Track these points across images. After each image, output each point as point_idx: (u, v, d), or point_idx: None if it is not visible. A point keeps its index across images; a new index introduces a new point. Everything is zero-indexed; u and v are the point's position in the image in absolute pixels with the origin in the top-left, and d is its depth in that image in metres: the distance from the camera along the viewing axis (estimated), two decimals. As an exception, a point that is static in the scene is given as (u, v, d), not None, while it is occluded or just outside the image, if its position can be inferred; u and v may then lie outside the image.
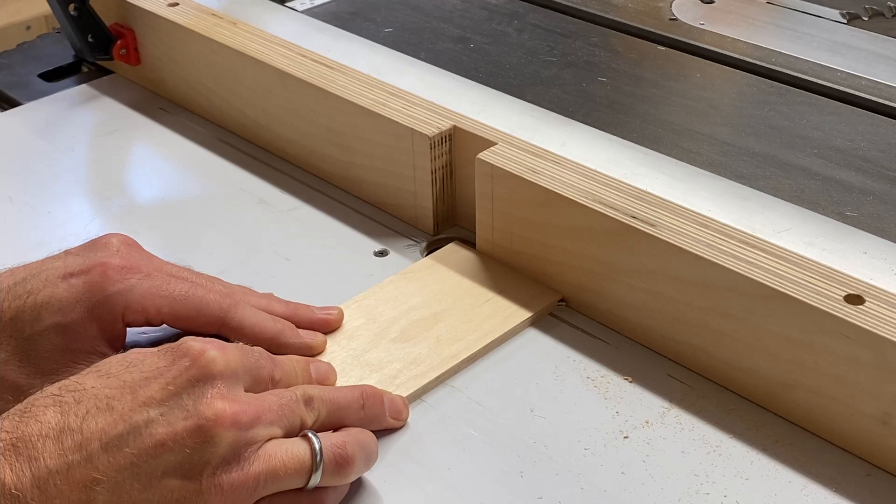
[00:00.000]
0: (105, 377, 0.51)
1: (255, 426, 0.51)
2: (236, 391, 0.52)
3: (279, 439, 0.52)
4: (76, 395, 0.50)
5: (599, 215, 0.64)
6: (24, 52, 1.05)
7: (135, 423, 0.49)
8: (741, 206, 0.67)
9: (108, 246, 0.62)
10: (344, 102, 0.78)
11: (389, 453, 0.58)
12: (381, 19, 1.03)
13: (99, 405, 0.49)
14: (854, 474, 0.57)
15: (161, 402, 0.50)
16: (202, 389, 0.50)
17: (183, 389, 0.50)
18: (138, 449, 0.48)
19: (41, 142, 0.90)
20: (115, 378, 0.51)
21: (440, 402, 0.62)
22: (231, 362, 0.52)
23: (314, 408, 0.54)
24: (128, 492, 0.48)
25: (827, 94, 0.89)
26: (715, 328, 0.61)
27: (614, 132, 0.77)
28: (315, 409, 0.54)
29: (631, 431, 0.59)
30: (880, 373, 0.55)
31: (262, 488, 0.50)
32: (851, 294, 0.56)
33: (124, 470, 0.48)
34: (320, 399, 0.55)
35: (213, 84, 0.89)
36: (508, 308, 0.68)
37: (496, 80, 0.90)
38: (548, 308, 0.68)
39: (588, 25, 1.03)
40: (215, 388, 0.51)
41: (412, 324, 0.66)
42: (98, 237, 0.63)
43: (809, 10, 1.04)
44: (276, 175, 0.84)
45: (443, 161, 0.74)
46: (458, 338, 0.65)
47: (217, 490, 0.49)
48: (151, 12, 0.92)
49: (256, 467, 0.50)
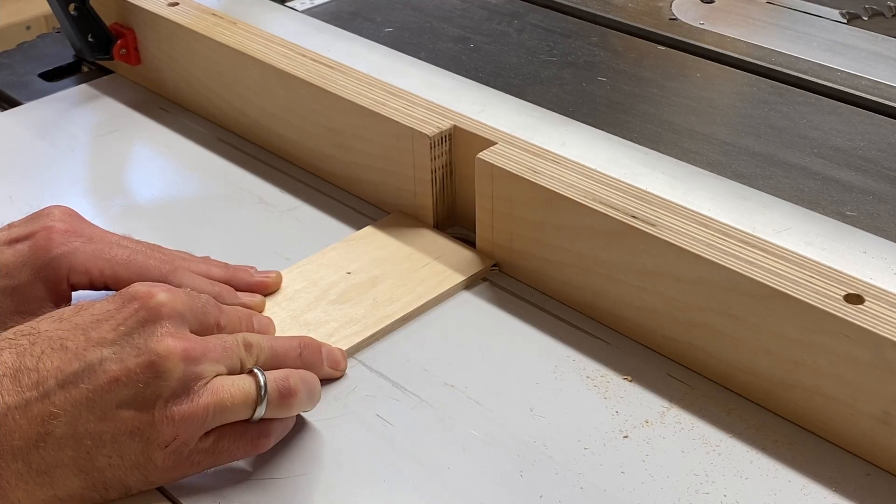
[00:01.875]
0: (58, 321, 0.54)
1: (203, 362, 0.54)
2: (183, 331, 0.55)
3: (226, 375, 0.55)
4: (31, 339, 0.53)
5: (599, 215, 0.64)
6: (24, 52, 1.05)
7: (89, 361, 0.52)
8: (741, 206, 0.67)
9: (51, 215, 0.65)
10: (344, 102, 0.78)
11: (389, 452, 0.58)
12: (381, 19, 1.03)
13: (53, 346, 0.53)
14: (853, 474, 0.57)
15: (113, 342, 0.53)
16: (152, 329, 0.53)
17: (133, 329, 0.53)
18: (93, 385, 0.52)
19: (41, 142, 0.90)
20: (67, 321, 0.54)
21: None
22: (178, 304, 0.55)
23: (253, 353, 0.57)
24: (84, 424, 0.51)
25: (827, 94, 0.89)
26: (715, 328, 0.61)
27: (614, 132, 0.77)
28: (254, 354, 0.57)
29: (631, 431, 0.59)
30: (880, 372, 0.55)
31: (211, 419, 0.53)
32: (851, 293, 0.56)
33: (80, 405, 0.51)
34: (258, 345, 0.58)
35: (213, 84, 0.89)
36: (444, 272, 0.71)
37: (496, 80, 0.90)
38: (481, 273, 0.71)
39: (588, 25, 1.03)
40: (164, 327, 0.54)
41: (351, 287, 0.69)
42: (41, 209, 0.66)
43: (809, 10, 1.04)
44: (276, 175, 0.84)
45: (443, 161, 0.74)
46: (394, 299, 0.68)
47: (168, 421, 0.52)
48: (151, 12, 0.92)
49: (205, 399, 0.53)
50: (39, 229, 0.64)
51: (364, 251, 0.73)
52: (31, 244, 0.63)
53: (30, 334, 0.53)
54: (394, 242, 0.74)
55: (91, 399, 0.51)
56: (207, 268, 0.68)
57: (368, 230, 0.75)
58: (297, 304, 0.68)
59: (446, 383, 0.63)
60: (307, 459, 0.58)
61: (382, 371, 0.64)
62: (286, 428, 0.58)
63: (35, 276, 0.62)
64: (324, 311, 0.67)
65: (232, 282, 0.68)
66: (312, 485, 0.56)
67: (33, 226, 0.64)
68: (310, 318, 0.67)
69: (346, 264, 0.71)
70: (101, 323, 0.54)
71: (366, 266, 0.71)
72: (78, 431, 0.51)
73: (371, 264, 0.71)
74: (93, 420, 0.51)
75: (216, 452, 0.54)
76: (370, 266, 0.71)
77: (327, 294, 0.69)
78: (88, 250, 0.63)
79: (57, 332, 0.53)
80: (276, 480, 0.56)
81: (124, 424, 0.52)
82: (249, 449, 0.56)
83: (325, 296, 0.68)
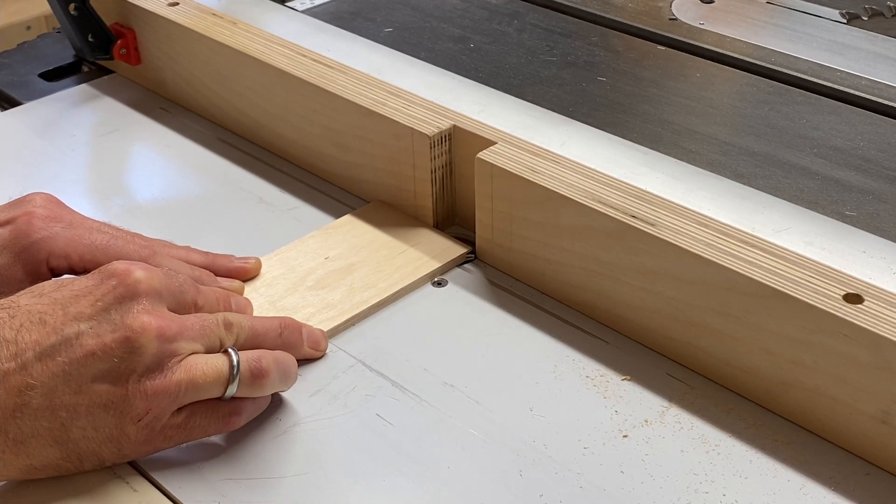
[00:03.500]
0: (38, 296, 0.56)
1: (177, 340, 0.55)
2: (160, 308, 0.56)
3: (201, 354, 0.56)
4: (10, 312, 0.54)
5: (599, 215, 0.64)
6: (25, 52, 1.05)
7: (66, 335, 0.53)
8: (740, 206, 0.67)
9: (33, 201, 0.66)
10: (344, 102, 0.78)
11: (389, 452, 0.58)
12: (381, 19, 1.03)
13: (32, 320, 0.54)
14: (853, 473, 0.57)
15: (90, 317, 0.54)
16: (128, 305, 0.55)
17: (111, 305, 0.55)
18: (70, 358, 0.53)
19: (41, 142, 0.90)
20: (47, 296, 0.55)
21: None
22: (155, 282, 0.56)
23: (233, 332, 0.58)
24: (60, 396, 0.53)
25: (827, 94, 0.89)
26: (714, 327, 0.61)
27: (614, 132, 0.77)
28: (234, 333, 0.58)
29: (630, 430, 0.59)
30: (879, 372, 0.55)
31: (184, 395, 0.55)
32: (850, 293, 0.56)
33: (57, 377, 0.53)
34: (239, 325, 0.59)
35: (213, 84, 0.90)
36: (420, 259, 0.72)
37: (496, 79, 0.90)
38: (457, 260, 0.73)
39: (588, 25, 1.03)
40: (140, 304, 0.55)
41: (328, 273, 0.71)
42: (23, 196, 0.67)
43: (809, 10, 1.04)
44: (276, 175, 0.84)
45: (442, 161, 0.74)
46: (370, 285, 0.69)
47: (142, 395, 0.54)
48: (152, 12, 0.92)
49: (178, 376, 0.54)
50: (21, 214, 0.65)
51: (343, 239, 0.74)
52: (13, 229, 0.64)
53: (9, 308, 0.55)
54: (371, 230, 0.75)
55: (67, 372, 0.53)
56: (187, 253, 0.69)
57: (347, 218, 0.77)
58: (275, 290, 0.69)
59: (446, 383, 0.63)
60: (307, 459, 0.58)
61: (381, 371, 0.64)
62: (259, 407, 0.59)
63: (15, 259, 0.64)
64: (301, 296, 0.69)
65: (211, 267, 0.69)
66: (312, 485, 0.56)
67: (14, 211, 0.66)
68: (287, 304, 0.68)
69: (325, 251, 0.73)
70: (80, 299, 0.55)
71: (344, 253, 0.73)
72: (54, 403, 0.53)
73: (349, 251, 0.73)
74: (68, 392, 0.53)
75: (188, 428, 0.56)
76: (348, 253, 0.73)
77: (305, 280, 0.70)
78: (68, 235, 0.64)
79: (36, 306, 0.55)
80: (276, 480, 0.56)
81: (99, 397, 0.53)
82: (221, 426, 0.57)
83: (302, 282, 0.70)
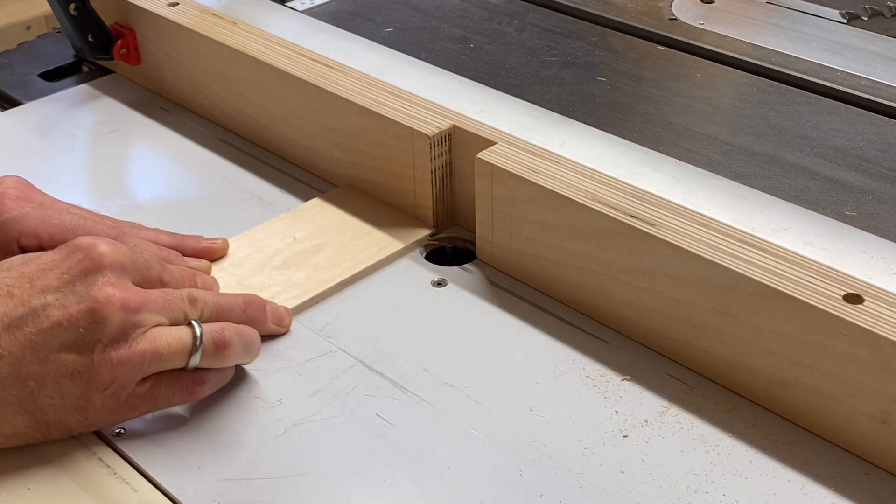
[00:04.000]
0: (6, 270, 0.58)
1: (141, 311, 0.57)
2: (124, 281, 0.58)
3: (165, 326, 0.58)
4: None
5: (599, 215, 0.64)
6: (25, 52, 1.05)
7: (33, 306, 0.55)
8: (740, 206, 0.67)
9: (4, 183, 0.68)
10: (344, 102, 0.78)
11: (389, 452, 0.58)
12: (381, 19, 1.03)
13: (0, 293, 0.56)
14: (853, 473, 0.57)
15: (57, 290, 0.56)
16: (93, 278, 0.57)
17: (76, 278, 0.57)
18: (37, 329, 0.55)
19: (41, 142, 0.90)
20: (15, 270, 0.57)
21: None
22: (119, 256, 0.58)
23: (197, 307, 0.60)
24: (27, 366, 0.55)
25: (826, 94, 0.89)
26: (714, 327, 0.61)
27: (614, 132, 0.77)
28: (198, 308, 0.60)
29: (630, 430, 0.59)
30: (879, 372, 0.55)
31: (148, 365, 0.57)
32: (850, 293, 0.56)
33: (24, 347, 0.55)
34: (203, 300, 0.61)
35: (213, 84, 0.90)
36: (384, 240, 0.74)
37: (496, 80, 0.90)
38: (420, 241, 0.75)
39: (588, 25, 1.03)
40: (105, 276, 0.57)
41: (295, 254, 0.73)
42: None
43: (809, 10, 1.04)
44: (276, 175, 0.84)
45: (442, 161, 0.74)
46: (336, 265, 0.71)
47: (107, 364, 0.55)
48: (151, 12, 0.92)
49: (143, 346, 0.56)
50: None
51: (310, 221, 0.76)
52: None
53: None
54: (339, 213, 0.77)
55: (34, 342, 0.55)
56: (156, 234, 0.71)
57: (315, 202, 0.79)
58: (243, 270, 0.71)
59: (446, 383, 0.63)
60: (307, 459, 0.58)
61: (381, 371, 0.64)
62: (223, 379, 0.61)
63: None
64: (267, 275, 0.71)
65: (180, 248, 0.71)
66: (312, 485, 0.56)
67: None
68: (254, 283, 0.70)
69: (293, 233, 0.75)
70: (47, 272, 0.57)
71: (311, 235, 0.75)
72: (21, 372, 0.54)
73: (316, 233, 0.75)
74: (35, 362, 0.55)
75: (153, 397, 0.58)
76: (315, 234, 0.75)
77: (272, 260, 0.72)
78: (38, 215, 0.66)
79: (4, 280, 0.56)
80: (277, 480, 0.56)
81: (65, 367, 0.55)
82: (185, 395, 0.59)
83: (269, 262, 0.72)
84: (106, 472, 0.57)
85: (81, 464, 0.57)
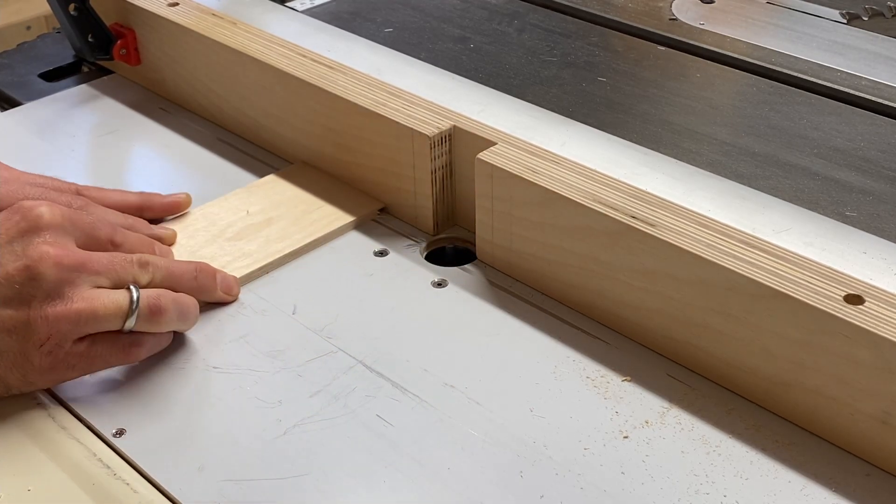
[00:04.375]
0: None
1: (78, 271, 0.59)
2: (64, 241, 0.60)
3: (104, 288, 0.60)
4: None
5: (599, 215, 0.64)
6: (25, 52, 1.05)
7: None
8: (741, 206, 0.67)
9: None
10: (344, 102, 0.78)
11: (389, 452, 0.58)
12: (381, 19, 1.03)
13: None
14: (854, 474, 0.57)
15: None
16: (30, 238, 0.59)
17: (14, 238, 0.59)
18: None
19: (41, 142, 0.90)
20: None
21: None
22: (57, 217, 0.61)
23: (149, 271, 0.63)
24: None
25: (827, 94, 0.89)
26: (715, 328, 0.61)
27: (614, 132, 0.77)
28: (149, 272, 0.63)
29: (631, 431, 0.59)
30: (880, 372, 0.55)
31: (85, 324, 0.59)
32: (851, 294, 0.56)
33: None
34: (155, 265, 0.63)
35: (213, 84, 0.89)
36: (334, 214, 0.77)
37: (496, 80, 0.90)
38: (369, 215, 0.77)
39: (588, 25, 1.03)
40: (42, 237, 0.59)
41: (247, 227, 0.75)
42: None
43: (809, 10, 1.04)
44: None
45: (443, 161, 0.74)
46: (286, 237, 0.74)
47: (43, 320, 0.58)
48: (151, 12, 0.92)
49: (79, 305, 0.58)
50: None
51: (264, 196, 0.79)
52: None
53: None
54: (292, 188, 0.80)
55: None
56: (122, 196, 0.74)
57: (271, 178, 0.82)
58: (196, 241, 0.74)
59: (446, 383, 0.63)
60: (307, 460, 0.58)
61: (381, 371, 0.64)
62: (160, 343, 0.63)
63: None
64: (219, 246, 0.73)
65: (147, 204, 0.75)
66: (312, 485, 0.56)
67: None
68: (205, 253, 0.72)
69: (246, 206, 0.77)
70: None
71: (264, 209, 0.77)
72: None
73: (269, 207, 0.77)
74: None
75: (90, 357, 0.60)
76: (268, 209, 0.77)
77: (224, 232, 0.75)
78: (3, 191, 0.68)
79: None
80: (277, 481, 0.56)
81: (2, 323, 0.57)
82: (122, 357, 0.61)
83: (222, 234, 0.75)
84: (106, 473, 0.57)
85: (81, 464, 0.57)
